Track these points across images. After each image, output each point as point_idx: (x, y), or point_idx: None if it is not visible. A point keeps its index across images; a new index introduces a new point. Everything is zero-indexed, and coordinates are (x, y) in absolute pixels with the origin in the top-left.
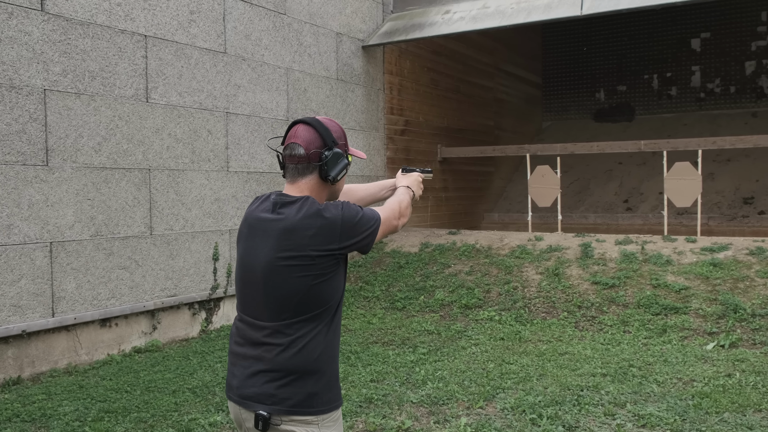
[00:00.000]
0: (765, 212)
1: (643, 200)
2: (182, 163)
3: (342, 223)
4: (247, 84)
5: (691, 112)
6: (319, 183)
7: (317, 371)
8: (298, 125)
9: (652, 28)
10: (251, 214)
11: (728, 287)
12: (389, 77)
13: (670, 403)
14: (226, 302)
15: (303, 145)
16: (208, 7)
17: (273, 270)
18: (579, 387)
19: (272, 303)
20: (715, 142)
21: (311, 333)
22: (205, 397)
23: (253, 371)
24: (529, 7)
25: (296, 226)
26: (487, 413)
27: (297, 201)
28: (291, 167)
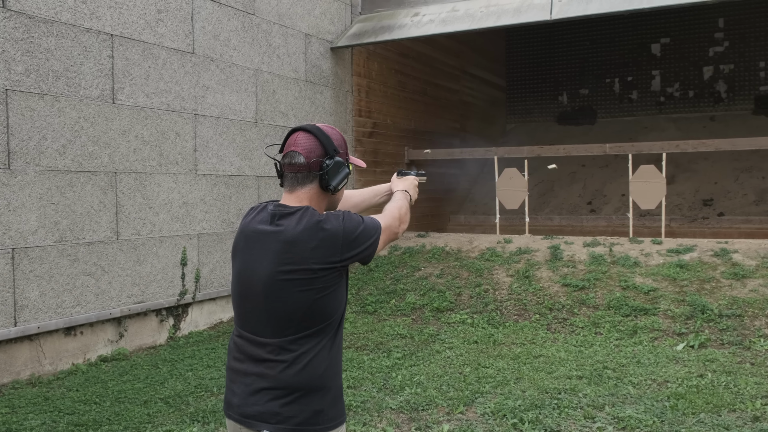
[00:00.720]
0: (724, 214)
1: (606, 202)
2: (149, 166)
3: (344, 235)
4: (216, 85)
5: (651, 115)
6: (319, 192)
7: (322, 387)
8: (298, 133)
9: (613, 32)
10: (248, 225)
11: (695, 288)
12: (357, 79)
13: (647, 405)
14: (195, 308)
15: (303, 154)
16: (176, 6)
17: (274, 284)
18: (556, 390)
19: (274, 318)
20: (678, 145)
21: (315, 348)
22: (179, 408)
23: (256, 389)
24: (498, 11)
25: (297, 238)
26: (468, 419)
27: (296, 212)
28: (290, 176)
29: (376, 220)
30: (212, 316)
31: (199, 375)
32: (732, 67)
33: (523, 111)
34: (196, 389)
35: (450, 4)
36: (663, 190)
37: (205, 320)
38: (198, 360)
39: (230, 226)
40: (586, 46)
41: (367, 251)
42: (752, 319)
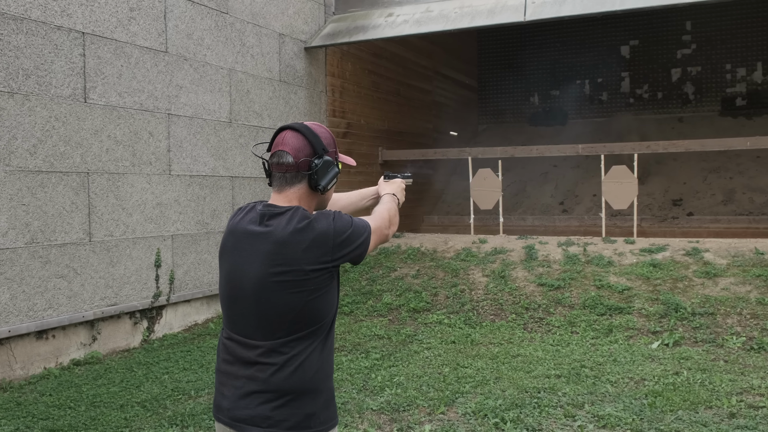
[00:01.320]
0: (693, 214)
1: (578, 202)
2: (122, 166)
3: (334, 234)
4: (190, 85)
5: (621, 116)
6: (308, 192)
7: (314, 390)
8: (286, 131)
9: (583, 35)
10: (237, 226)
11: (668, 287)
12: (331, 79)
13: (626, 403)
14: (169, 310)
15: (292, 153)
16: (148, 4)
17: (265, 286)
18: (536, 389)
19: (265, 321)
20: (649, 146)
21: (307, 351)
22: (156, 411)
23: (246, 392)
24: (472, 12)
25: (287, 239)
26: (449, 419)
27: (286, 212)
28: (278, 176)
29: (365, 221)
30: (187, 318)
31: (175, 378)
32: (699, 70)
33: (495, 112)
34: (174, 392)
35: (424, 4)
36: (635, 191)
37: (180, 322)
38: (174, 363)
39: (204, 227)
40: (557, 48)
41: (358, 250)
42: (724, 318)
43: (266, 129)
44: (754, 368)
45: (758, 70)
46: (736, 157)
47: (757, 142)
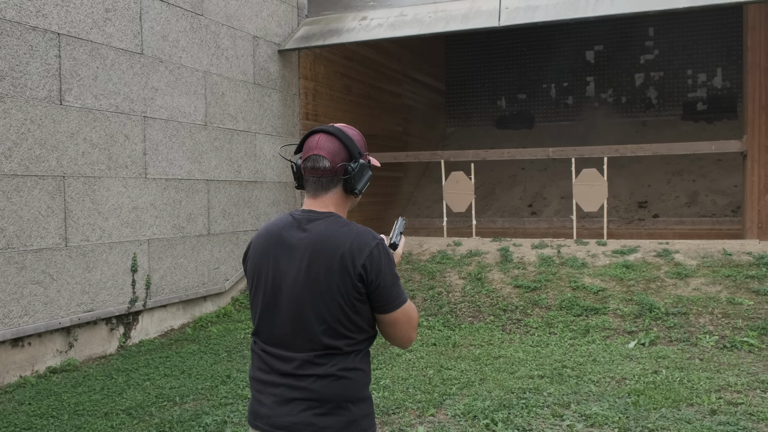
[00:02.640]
0: (659, 215)
1: (546, 205)
2: (98, 169)
3: (369, 256)
4: (165, 87)
5: (586, 120)
6: (342, 196)
7: (355, 398)
8: (320, 135)
9: (549, 39)
10: (270, 230)
11: (641, 288)
12: (304, 82)
13: (611, 402)
14: (145, 316)
15: (328, 158)
16: (123, 5)
17: (303, 293)
18: (521, 390)
19: (304, 330)
20: (617, 149)
21: (349, 359)
22: (142, 419)
23: (287, 398)
24: (447, 17)
25: (326, 245)
26: (440, 420)
27: (324, 217)
28: (313, 180)
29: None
30: (163, 323)
31: (157, 384)
32: (662, 75)
33: (463, 115)
34: (158, 399)
35: (398, 8)
36: (605, 193)
37: (156, 328)
38: (153, 369)
39: (180, 231)
40: (524, 52)
41: (386, 292)
42: (697, 317)
43: (241, 132)
44: (729, 366)
45: (718, 76)
46: (698, 160)
47: (722, 145)
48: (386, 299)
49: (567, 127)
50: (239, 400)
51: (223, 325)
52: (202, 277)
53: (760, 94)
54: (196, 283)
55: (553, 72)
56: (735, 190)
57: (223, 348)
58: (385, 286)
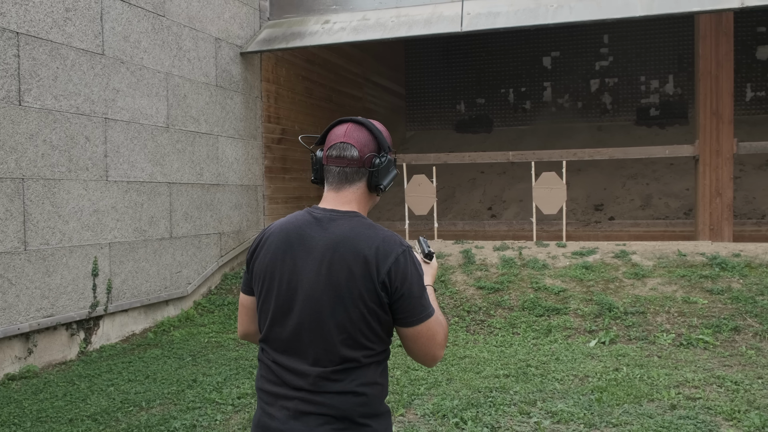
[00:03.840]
0: (614, 218)
1: (505, 207)
2: (58, 172)
3: (395, 261)
4: (127, 88)
5: (543, 124)
6: (366, 193)
7: (376, 413)
8: (349, 124)
9: (507, 45)
10: (286, 228)
11: (601, 288)
12: (266, 85)
13: (575, 399)
14: (106, 321)
15: (357, 147)
16: (84, 5)
17: (322, 298)
18: (488, 389)
19: (322, 340)
20: (576, 153)
21: (368, 373)
22: (109, 424)
23: (302, 412)
24: (409, 21)
25: (349, 246)
26: (410, 420)
27: (346, 216)
28: (336, 171)
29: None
30: (124, 328)
31: (122, 390)
32: (616, 81)
33: (423, 119)
34: (123, 404)
35: (360, 12)
36: (564, 196)
37: (117, 333)
38: (117, 374)
39: (142, 235)
40: (483, 58)
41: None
42: (654, 316)
43: (203, 134)
44: (686, 362)
45: (670, 83)
46: (651, 164)
47: (675, 150)
48: (410, 311)
49: (525, 132)
50: (207, 404)
51: (187, 330)
52: (165, 281)
53: (710, 100)
54: (158, 287)
55: (511, 77)
56: (687, 193)
57: (187, 352)
58: (410, 296)
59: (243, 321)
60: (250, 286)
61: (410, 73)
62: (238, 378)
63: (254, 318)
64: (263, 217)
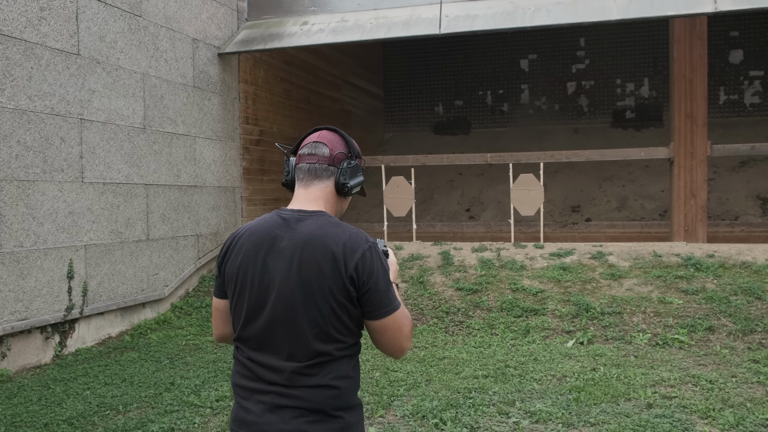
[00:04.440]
0: (591, 219)
1: (483, 209)
2: (33, 173)
3: (361, 256)
4: (103, 89)
5: (521, 127)
6: (333, 194)
7: (349, 405)
8: (323, 130)
9: (485, 47)
10: (255, 230)
11: (578, 289)
12: (244, 86)
13: (553, 399)
14: (82, 324)
15: (329, 146)
16: (59, 4)
17: (293, 295)
18: (467, 389)
19: (294, 336)
20: (553, 155)
21: (341, 366)
22: (85, 428)
23: (277, 405)
24: (388, 23)
25: (317, 244)
26: (389, 421)
27: (314, 215)
28: (307, 167)
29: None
30: (101, 331)
31: (98, 393)
32: (592, 84)
33: (401, 120)
34: (99, 408)
35: (339, 14)
36: (541, 198)
37: (93, 336)
38: (93, 378)
39: (119, 237)
40: (461, 60)
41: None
42: (630, 316)
43: (180, 135)
44: (662, 362)
45: (645, 86)
46: (627, 166)
47: (650, 152)
48: (377, 304)
49: (502, 133)
50: (185, 407)
51: (164, 332)
52: (141, 284)
53: (685, 103)
54: (134, 289)
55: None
56: (662, 194)
57: (164, 355)
58: (377, 290)
59: (218, 324)
60: (223, 290)
61: (388, 75)
62: (217, 380)
63: (228, 321)
64: (241, 219)
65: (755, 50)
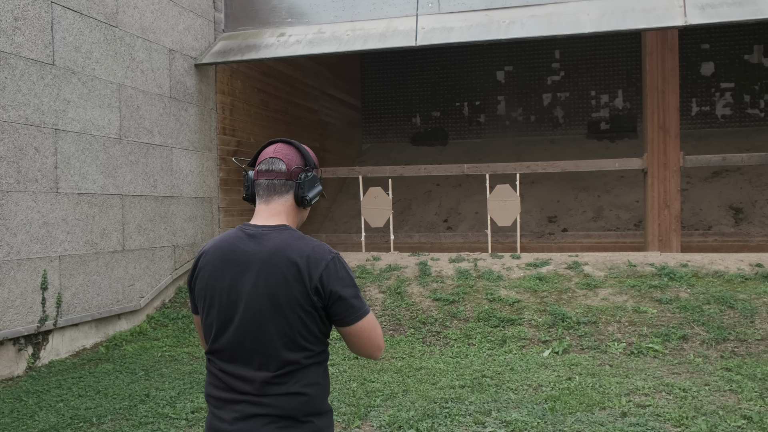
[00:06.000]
0: (567, 230)
1: (461, 219)
2: (7, 183)
3: (325, 266)
4: (78, 99)
5: (497, 137)
6: (293, 206)
7: (318, 411)
8: (278, 144)
9: (462, 59)
10: (220, 246)
11: (554, 299)
12: (221, 97)
13: (529, 408)
14: (56, 335)
15: (285, 162)
16: (34, 14)
17: (260, 308)
18: (443, 399)
19: (263, 346)
20: (529, 166)
21: (309, 374)
22: None
23: (249, 414)
24: (365, 35)
25: (280, 257)
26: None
27: (276, 229)
28: (266, 183)
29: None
30: (75, 343)
31: (71, 405)
32: (567, 95)
33: (379, 131)
34: (73, 420)
35: (316, 26)
36: (518, 208)
37: (67, 347)
38: (66, 390)
39: (94, 247)
40: (438, 71)
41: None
42: (606, 325)
43: (157, 146)
44: (636, 371)
45: (619, 97)
46: (602, 176)
47: (624, 163)
48: (347, 311)
49: (479, 144)
50: (160, 419)
51: (139, 344)
52: (117, 295)
53: (657, 115)
54: (110, 300)
55: (465, 91)
56: (637, 205)
57: (139, 367)
58: (345, 298)
59: (202, 337)
60: (197, 306)
61: (366, 86)
62: (192, 392)
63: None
64: (218, 230)
65: (726, 62)
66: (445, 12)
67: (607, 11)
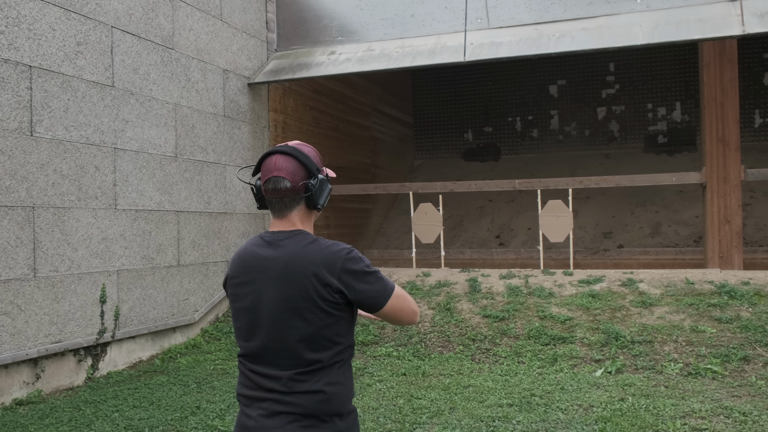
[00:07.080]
0: (623, 246)
1: (513, 236)
2: (68, 200)
3: (345, 260)
4: (135, 119)
5: (551, 152)
6: (306, 212)
7: (341, 412)
8: (276, 156)
9: (514, 74)
10: (242, 255)
11: (607, 317)
12: (274, 115)
13: (578, 429)
14: (114, 347)
15: (288, 178)
16: (95, 39)
17: (280, 311)
18: (491, 418)
19: (284, 348)
20: (582, 181)
21: (331, 373)
22: None
23: (274, 411)
24: (413, 52)
25: (298, 261)
26: None
27: (293, 235)
28: (276, 201)
29: (390, 282)
30: (132, 355)
31: (126, 416)
32: (623, 108)
33: (430, 147)
34: (126, 430)
35: (365, 44)
36: (570, 224)
37: (125, 359)
38: (122, 400)
39: (150, 262)
40: (489, 87)
41: (369, 292)
42: (662, 345)
43: (211, 164)
44: (693, 393)
45: (677, 110)
46: (660, 191)
47: (682, 177)
48: (376, 297)
49: (532, 159)
50: (209, 431)
51: (193, 357)
52: (172, 308)
53: (716, 127)
54: (165, 314)
55: (518, 105)
56: (696, 220)
57: (192, 379)
58: (368, 286)
59: None
60: None
61: (418, 102)
62: None
63: None
64: None
65: None
66: (494, 27)
67: (660, 22)
